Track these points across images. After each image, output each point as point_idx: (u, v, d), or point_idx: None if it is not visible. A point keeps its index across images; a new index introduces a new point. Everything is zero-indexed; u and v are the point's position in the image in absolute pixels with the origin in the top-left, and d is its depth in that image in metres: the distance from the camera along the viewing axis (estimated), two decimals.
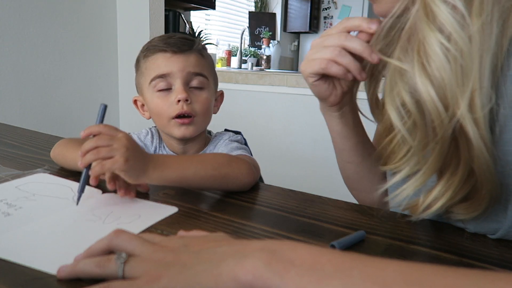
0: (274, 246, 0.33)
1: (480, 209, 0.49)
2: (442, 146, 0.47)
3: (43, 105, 1.95)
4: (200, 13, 3.65)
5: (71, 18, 2.05)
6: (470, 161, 0.47)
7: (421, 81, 0.46)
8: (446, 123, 0.45)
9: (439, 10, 0.45)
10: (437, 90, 0.45)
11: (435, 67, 0.45)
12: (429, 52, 0.45)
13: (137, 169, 0.55)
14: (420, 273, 0.28)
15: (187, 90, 0.76)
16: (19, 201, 0.57)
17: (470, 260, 0.46)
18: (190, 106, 0.76)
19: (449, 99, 0.45)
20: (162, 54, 0.77)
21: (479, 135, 0.45)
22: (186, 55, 0.77)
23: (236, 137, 0.84)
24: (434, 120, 0.46)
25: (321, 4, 4.93)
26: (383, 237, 0.51)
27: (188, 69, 0.76)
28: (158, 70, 0.77)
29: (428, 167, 0.49)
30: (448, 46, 0.44)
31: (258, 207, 0.61)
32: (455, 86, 0.44)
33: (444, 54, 0.44)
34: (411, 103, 0.49)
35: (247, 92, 2.27)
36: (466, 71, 0.44)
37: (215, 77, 0.85)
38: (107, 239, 0.39)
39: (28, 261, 0.41)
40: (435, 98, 0.45)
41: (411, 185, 0.50)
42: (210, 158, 0.66)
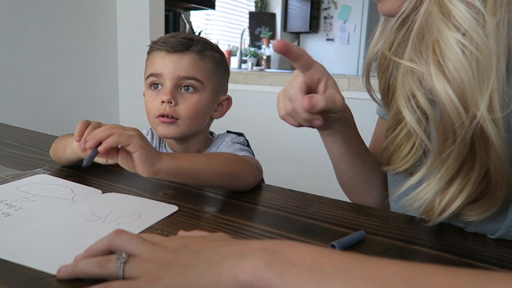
0: (274, 246, 0.33)
1: (493, 209, 0.49)
2: (461, 147, 0.46)
3: (43, 105, 1.95)
4: (200, 13, 3.65)
5: (71, 18, 2.05)
6: (486, 161, 0.46)
7: (439, 82, 0.45)
8: (466, 125, 0.44)
9: (455, 7, 0.44)
10: (456, 90, 0.44)
11: (452, 67, 0.44)
12: (445, 51, 0.44)
13: (152, 152, 0.55)
14: (420, 273, 0.28)
15: (174, 92, 0.75)
16: (19, 202, 0.57)
17: (470, 260, 0.46)
18: (174, 109, 0.75)
19: (469, 100, 0.43)
20: (157, 53, 0.77)
21: (500, 136, 0.44)
22: (179, 56, 0.75)
23: (238, 139, 0.84)
24: (454, 122, 0.44)
25: (321, 4, 4.93)
26: (383, 237, 0.51)
27: (179, 72, 0.75)
28: (152, 69, 0.77)
29: (447, 169, 0.47)
30: (466, 44, 0.43)
31: (258, 207, 0.61)
32: (474, 86, 0.43)
33: (463, 53, 0.43)
34: (427, 105, 0.47)
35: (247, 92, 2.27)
36: (485, 70, 0.43)
37: (218, 80, 0.81)
38: (107, 239, 0.39)
39: (28, 261, 0.41)
40: (454, 100, 0.44)
41: (430, 189, 0.48)
42: (221, 155, 0.68)
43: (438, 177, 0.48)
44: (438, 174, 0.48)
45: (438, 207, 0.49)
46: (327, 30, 4.97)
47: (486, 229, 0.52)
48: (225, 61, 0.85)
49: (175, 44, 0.75)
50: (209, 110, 0.81)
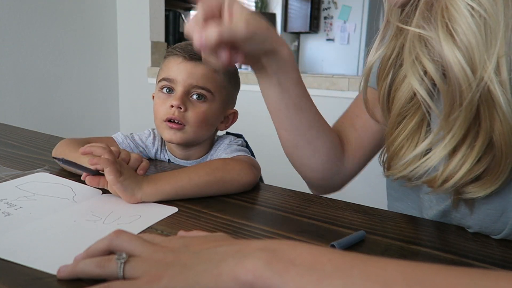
0: (274, 245, 0.33)
1: (498, 183, 0.49)
2: (468, 111, 0.46)
3: (43, 105, 1.95)
4: None
5: (71, 18, 2.05)
6: (492, 128, 0.46)
7: (447, 45, 0.45)
8: (474, 87, 0.44)
9: None
10: (464, 53, 0.44)
11: (461, 30, 0.44)
12: (454, 15, 0.45)
13: (132, 185, 0.58)
14: (420, 272, 0.28)
15: (185, 99, 0.75)
16: (19, 201, 0.57)
17: (470, 261, 0.46)
18: (182, 114, 0.75)
19: (477, 62, 0.44)
20: (174, 58, 0.78)
21: (507, 98, 0.44)
22: (195, 64, 0.76)
23: (236, 141, 0.84)
24: (462, 84, 0.45)
25: (321, 4, 4.93)
26: (383, 237, 0.51)
27: (191, 81, 0.75)
28: (166, 73, 0.78)
29: (453, 135, 0.47)
30: (475, 7, 0.43)
31: (258, 207, 0.61)
32: (482, 49, 0.44)
33: (471, 16, 0.43)
34: (434, 70, 0.48)
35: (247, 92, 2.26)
36: (493, 33, 0.43)
37: (228, 94, 0.82)
38: (107, 239, 0.39)
39: (28, 261, 0.41)
40: (462, 62, 0.44)
41: (436, 156, 0.49)
42: (203, 165, 0.67)
43: (443, 144, 0.48)
44: (444, 141, 0.48)
45: (441, 176, 0.49)
46: (327, 30, 4.97)
47: (491, 229, 0.52)
48: (237, 76, 0.85)
49: (193, 52, 0.76)
50: (215, 121, 0.81)
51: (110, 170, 0.56)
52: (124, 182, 0.57)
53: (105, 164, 0.56)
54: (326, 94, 2.04)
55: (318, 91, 2.06)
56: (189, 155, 0.83)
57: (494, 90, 0.44)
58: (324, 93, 2.05)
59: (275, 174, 1.46)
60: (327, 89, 2.03)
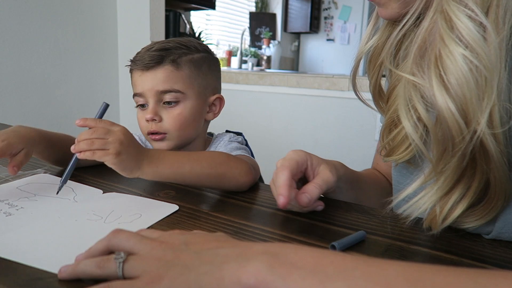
0: (277, 249, 0.33)
1: (489, 217, 0.49)
2: (460, 160, 0.46)
3: (44, 105, 1.95)
4: (200, 13, 3.66)
5: (72, 18, 2.05)
6: (487, 171, 0.46)
7: (441, 96, 0.44)
8: (467, 139, 0.44)
9: (459, 21, 0.43)
10: (458, 105, 0.44)
11: (455, 81, 0.43)
12: (448, 65, 0.44)
13: (130, 164, 0.57)
14: (421, 273, 0.28)
15: (157, 109, 0.75)
16: (20, 202, 0.57)
17: (470, 261, 0.46)
18: (159, 125, 0.75)
19: (471, 115, 0.43)
20: (135, 72, 0.77)
21: (500, 150, 0.44)
22: (154, 72, 0.74)
23: (236, 138, 0.83)
24: (455, 137, 0.44)
25: (322, 5, 4.93)
26: (383, 237, 0.51)
27: (157, 88, 0.74)
28: (135, 89, 0.78)
29: (445, 179, 0.47)
30: (470, 59, 0.42)
31: (259, 207, 0.61)
32: (475, 101, 0.43)
33: (467, 67, 0.43)
34: (427, 118, 0.47)
35: (248, 93, 2.27)
36: (488, 85, 0.42)
37: (202, 82, 0.79)
38: (106, 239, 0.39)
39: (30, 261, 0.41)
40: (456, 114, 0.44)
41: (429, 199, 0.49)
42: (208, 156, 0.66)
43: (436, 187, 0.48)
44: (436, 185, 0.48)
45: (440, 215, 0.49)
46: (328, 31, 4.97)
47: (480, 230, 0.52)
48: (209, 59, 0.81)
49: (147, 61, 0.74)
50: (197, 116, 0.79)
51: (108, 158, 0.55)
52: (122, 163, 0.56)
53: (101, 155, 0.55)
54: (326, 94, 2.04)
55: (318, 91, 2.07)
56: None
57: (487, 141, 0.44)
58: (324, 93, 2.05)
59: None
60: (328, 89, 2.03)
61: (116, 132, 0.57)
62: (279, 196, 0.51)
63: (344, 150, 2.02)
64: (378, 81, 0.62)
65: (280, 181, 0.52)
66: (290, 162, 0.55)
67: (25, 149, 0.63)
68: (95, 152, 0.55)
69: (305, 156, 0.57)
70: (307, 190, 0.53)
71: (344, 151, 2.02)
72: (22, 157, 0.63)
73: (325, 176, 0.56)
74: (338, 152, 2.03)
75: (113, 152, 0.55)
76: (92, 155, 0.55)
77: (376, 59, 0.60)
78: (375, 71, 0.61)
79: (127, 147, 0.56)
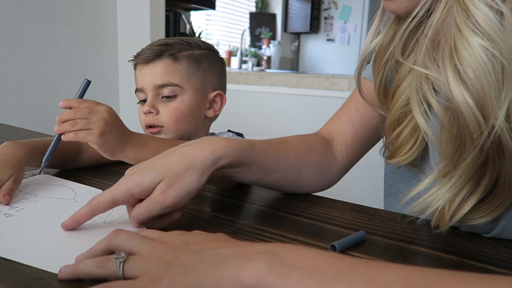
0: (276, 249, 0.33)
1: (494, 215, 0.48)
2: (477, 156, 0.44)
3: (44, 105, 1.95)
4: (200, 14, 3.66)
5: (72, 18, 2.05)
6: (499, 168, 0.45)
7: (457, 89, 0.42)
8: (485, 134, 0.42)
9: (477, 9, 0.41)
10: (476, 99, 0.41)
11: (472, 75, 0.41)
12: (465, 56, 0.42)
13: (114, 145, 0.56)
14: (422, 278, 0.28)
15: (155, 102, 0.76)
16: (20, 203, 0.57)
17: (470, 261, 0.46)
18: (156, 118, 0.76)
19: (489, 109, 0.41)
20: (137, 68, 0.79)
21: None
22: (152, 66, 0.76)
23: (236, 138, 0.83)
24: (473, 132, 0.42)
25: (322, 5, 4.93)
26: (384, 237, 0.51)
27: (155, 82, 0.75)
28: (136, 84, 0.79)
29: (460, 177, 0.46)
30: (488, 47, 0.40)
31: (259, 207, 0.61)
32: (494, 94, 0.41)
33: (486, 58, 0.41)
34: (442, 113, 0.46)
35: (248, 93, 2.27)
36: (507, 77, 0.41)
37: (201, 78, 0.78)
38: (106, 239, 0.39)
39: (30, 261, 0.41)
40: (474, 108, 0.41)
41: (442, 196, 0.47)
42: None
43: (450, 184, 0.47)
44: (450, 182, 0.47)
45: (448, 213, 0.48)
46: (328, 31, 4.97)
47: (481, 228, 0.52)
48: (211, 56, 0.82)
49: (147, 55, 0.76)
50: (195, 111, 0.78)
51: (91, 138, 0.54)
52: (106, 143, 0.55)
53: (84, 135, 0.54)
54: (326, 94, 2.04)
55: (318, 91, 2.07)
56: None
57: (504, 136, 0.42)
58: (324, 93, 2.05)
59: None
60: (327, 89, 2.03)
61: (101, 112, 0.55)
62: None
63: None
64: (383, 80, 0.61)
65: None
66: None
67: (14, 175, 0.59)
68: (78, 133, 0.54)
69: None
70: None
71: None
72: (11, 185, 0.58)
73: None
74: None
75: (96, 132, 0.54)
76: (75, 136, 0.53)
77: (382, 57, 0.59)
78: (380, 69, 0.60)
79: (112, 127, 0.55)
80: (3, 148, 0.62)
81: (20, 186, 0.63)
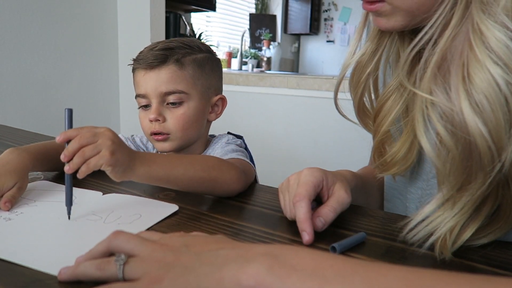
0: (276, 250, 0.33)
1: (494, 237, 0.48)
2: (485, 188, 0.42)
3: (44, 106, 1.95)
4: (200, 15, 3.66)
5: (72, 19, 2.05)
6: (501, 197, 0.44)
7: (473, 120, 0.40)
8: (497, 168, 0.40)
9: (492, 36, 0.40)
10: (491, 131, 0.39)
11: (487, 103, 0.39)
12: (479, 84, 0.40)
13: (124, 163, 0.53)
14: (422, 280, 0.28)
15: (161, 109, 0.74)
16: (19, 208, 0.57)
17: (470, 262, 0.46)
18: (163, 125, 0.74)
19: (503, 142, 0.39)
20: (139, 72, 0.76)
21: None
22: (157, 72, 0.74)
23: (235, 141, 0.82)
24: (486, 165, 0.40)
25: (322, 6, 4.94)
26: (384, 239, 0.51)
27: (161, 89, 0.73)
28: (137, 89, 0.77)
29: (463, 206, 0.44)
30: (506, 78, 0.38)
31: (259, 209, 0.61)
32: (508, 126, 0.39)
33: (503, 87, 0.39)
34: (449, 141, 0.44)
35: (248, 94, 2.27)
36: None
37: (205, 83, 0.78)
38: (106, 241, 0.39)
39: (29, 262, 0.41)
40: (489, 141, 0.39)
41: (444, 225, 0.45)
42: (200, 159, 0.65)
43: (453, 214, 0.45)
44: (453, 211, 0.45)
45: (450, 240, 0.46)
46: (328, 32, 4.97)
47: None
48: (212, 60, 0.81)
49: (151, 60, 0.74)
50: (200, 116, 0.78)
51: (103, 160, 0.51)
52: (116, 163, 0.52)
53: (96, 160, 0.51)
54: (326, 96, 2.04)
55: (318, 92, 2.07)
56: (188, 153, 0.83)
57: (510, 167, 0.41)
58: (324, 95, 2.05)
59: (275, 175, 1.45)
60: (327, 90, 2.03)
61: (104, 132, 0.53)
62: (303, 232, 0.48)
63: (344, 152, 2.02)
64: (363, 95, 0.60)
65: (301, 215, 0.49)
66: (307, 188, 0.51)
67: (18, 183, 0.59)
68: (88, 163, 0.50)
69: (320, 177, 0.54)
70: (321, 213, 0.51)
71: (344, 152, 2.02)
72: (14, 192, 0.58)
73: (340, 198, 0.53)
74: (338, 153, 2.03)
75: (106, 153, 0.50)
76: (87, 169, 0.50)
77: (361, 72, 0.58)
78: (360, 85, 0.59)
79: (119, 145, 0.53)
80: (7, 155, 0.62)
81: None
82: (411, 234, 0.48)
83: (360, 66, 0.58)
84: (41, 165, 0.67)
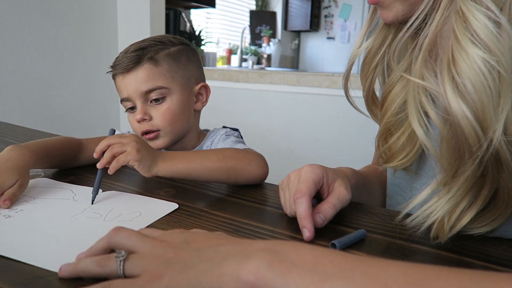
0: (276, 246, 0.33)
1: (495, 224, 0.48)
2: (476, 168, 0.43)
3: (44, 104, 1.95)
4: (200, 12, 3.65)
5: (72, 17, 2.05)
6: (498, 179, 0.44)
7: (456, 103, 0.42)
8: (484, 147, 0.41)
9: (476, 20, 0.41)
10: (475, 112, 0.41)
11: (471, 86, 0.40)
12: (463, 68, 0.41)
13: (149, 159, 0.61)
14: (422, 275, 0.28)
15: (146, 108, 0.76)
16: (19, 205, 0.57)
17: (471, 259, 0.46)
18: (150, 123, 0.76)
19: (488, 121, 0.41)
20: (117, 77, 0.78)
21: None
22: (134, 73, 0.75)
23: (233, 133, 0.84)
24: (472, 145, 0.42)
25: (322, 3, 4.93)
26: (384, 235, 0.51)
27: (141, 89, 0.75)
28: (120, 94, 0.78)
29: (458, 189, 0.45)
30: (489, 60, 0.40)
31: (259, 205, 0.61)
32: (492, 106, 0.40)
33: (486, 70, 0.40)
34: (441, 124, 0.45)
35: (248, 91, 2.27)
36: (504, 89, 0.40)
37: (184, 74, 0.79)
38: (106, 237, 0.39)
39: (30, 259, 0.41)
40: (473, 122, 0.41)
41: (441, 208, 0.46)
42: (216, 151, 0.69)
43: (449, 196, 0.46)
44: (449, 194, 0.46)
45: (448, 224, 0.47)
46: (328, 29, 4.96)
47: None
48: (187, 50, 0.82)
49: (126, 63, 0.75)
50: (186, 108, 0.79)
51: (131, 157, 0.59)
52: (142, 159, 0.60)
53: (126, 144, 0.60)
54: (327, 93, 2.04)
55: (318, 89, 2.06)
56: (182, 147, 0.83)
57: (501, 149, 0.42)
58: (324, 92, 2.05)
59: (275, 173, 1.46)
60: (328, 87, 2.02)
61: (129, 136, 0.61)
62: (303, 228, 0.49)
63: (344, 149, 2.02)
64: (372, 86, 0.61)
65: (302, 212, 0.49)
66: (308, 185, 0.52)
67: (20, 180, 0.59)
68: (118, 158, 0.59)
69: (321, 173, 0.54)
70: (321, 210, 0.51)
71: (344, 149, 2.02)
72: (15, 190, 0.58)
73: (340, 195, 0.54)
74: (338, 150, 2.03)
75: (133, 151, 0.59)
76: (117, 163, 0.58)
77: (370, 62, 0.59)
78: (369, 75, 0.60)
79: (143, 145, 0.61)
80: (8, 152, 0.62)
81: None
82: (409, 219, 0.49)
83: (371, 54, 0.59)
84: (42, 162, 0.67)
